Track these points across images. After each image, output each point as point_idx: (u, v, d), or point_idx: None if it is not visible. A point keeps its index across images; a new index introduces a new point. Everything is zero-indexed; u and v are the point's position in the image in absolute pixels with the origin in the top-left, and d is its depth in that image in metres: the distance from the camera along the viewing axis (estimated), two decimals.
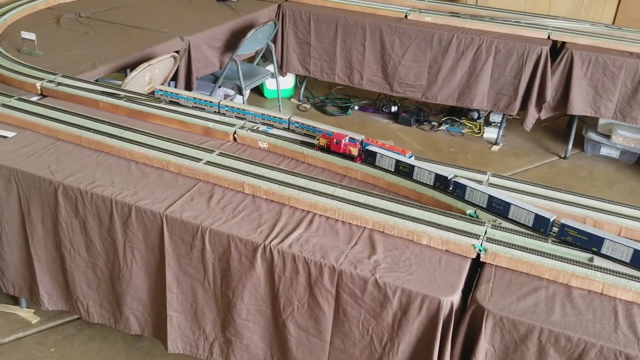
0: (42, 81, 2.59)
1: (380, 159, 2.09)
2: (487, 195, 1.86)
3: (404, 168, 2.04)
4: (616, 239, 1.68)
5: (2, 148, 2.15)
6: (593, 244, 1.69)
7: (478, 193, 1.88)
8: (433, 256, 1.72)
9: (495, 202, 1.86)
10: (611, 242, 1.67)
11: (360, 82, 4.11)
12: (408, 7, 4.07)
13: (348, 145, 2.14)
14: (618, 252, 1.67)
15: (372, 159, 2.11)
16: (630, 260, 1.66)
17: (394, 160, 2.06)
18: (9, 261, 2.24)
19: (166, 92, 2.53)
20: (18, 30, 3.25)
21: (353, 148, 2.13)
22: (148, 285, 2.02)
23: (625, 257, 1.66)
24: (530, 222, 1.80)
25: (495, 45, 3.66)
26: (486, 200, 1.87)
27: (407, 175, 2.04)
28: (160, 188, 1.98)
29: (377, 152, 2.09)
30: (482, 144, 4.07)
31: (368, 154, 2.12)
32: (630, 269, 1.65)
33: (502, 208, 1.85)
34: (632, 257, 1.65)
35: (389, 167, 2.07)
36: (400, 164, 2.05)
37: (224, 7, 4.10)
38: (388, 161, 2.07)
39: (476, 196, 1.89)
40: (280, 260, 1.74)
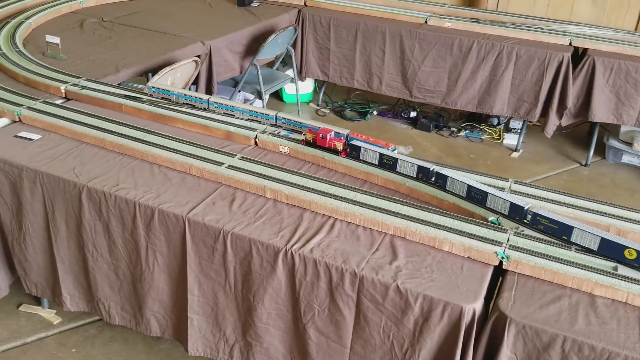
0: (66, 84, 2.63)
1: (364, 153, 2.14)
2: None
3: (387, 161, 2.09)
4: (584, 227, 1.73)
5: (28, 150, 2.18)
6: (563, 232, 1.75)
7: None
8: (455, 263, 1.71)
9: (474, 191, 1.92)
10: (580, 231, 1.73)
11: (379, 88, 4.11)
12: (428, 12, 4.06)
13: (333, 139, 2.20)
14: (586, 240, 1.73)
15: (357, 153, 2.16)
16: (597, 248, 1.72)
17: (378, 154, 2.11)
18: (33, 262, 2.27)
19: (158, 88, 2.59)
20: (42, 34, 3.31)
21: (338, 142, 2.19)
22: (169, 288, 2.03)
23: (593, 245, 1.72)
24: (506, 210, 1.86)
25: (516, 51, 3.64)
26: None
27: (391, 168, 2.09)
28: (182, 191, 2.00)
29: (361, 146, 2.14)
30: (502, 150, 4.04)
31: (352, 148, 2.17)
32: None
33: (480, 197, 1.91)
34: (599, 244, 1.71)
35: (373, 161, 2.13)
36: (384, 157, 2.10)
37: (245, 12, 4.13)
38: (372, 154, 2.13)
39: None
40: (302, 265, 1.74)
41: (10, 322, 2.47)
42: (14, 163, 2.11)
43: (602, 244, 1.70)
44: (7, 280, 2.41)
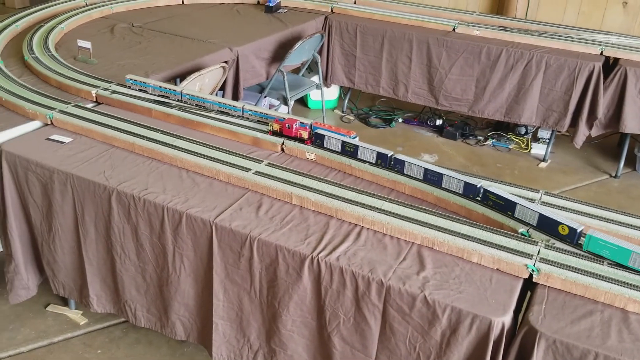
0: (97, 89, 2.66)
1: (328, 141, 2.24)
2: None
3: (349, 148, 2.20)
4: (526, 204, 1.86)
5: (60, 153, 2.21)
6: (508, 208, 1.89)
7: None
8: (484, 275, 1.69)
9: (430, 174, 2.04)
10: (522, 207, 1.87)
11: (405, 95, 4.10)
12: (456, 20, 4.04)
13: (299, 129, 2.28)
14: (527, 216, 1.86)
15: (321, 141, 2.26)
16: (536, 224, 1.84)
17: (340, 142, 2.20)
18: (61, 263, 2.30)
19: (135, 81, 2.70)
20: (74, 38, 3.37)
21: (303, 131, 2.28)
22: (195, 292, 2.04)
23: (533, 220, 1.84)
24: (460, 189, 1.98)
25: (545, 60, 3.59)
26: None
27: (352, 155, 2.19)
28: (210, 196, 2.01)
29: (325, 134, 2.24)
30: (529, 160, 3.99)
31: (317, 137, 2.26)
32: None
33: (436, 179, 2.03)
34: (538, 220, 1.84)
35: (336, 148, 2.22)
36: (346, 144, 2.20)
37: (272, 18, 4.16)
38: (335, 142, 2.22)
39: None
40: (328, 273, 1.74)
41: (37, 321, 2.50)
42: (46, 165, 2.15)
43: (540, 219, 1.82)
44: (35, 280, 2.45)
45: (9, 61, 3.08)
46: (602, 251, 1.71)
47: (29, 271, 2.41)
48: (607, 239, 1.71)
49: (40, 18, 3.75)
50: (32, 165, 2.18)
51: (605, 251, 1.70)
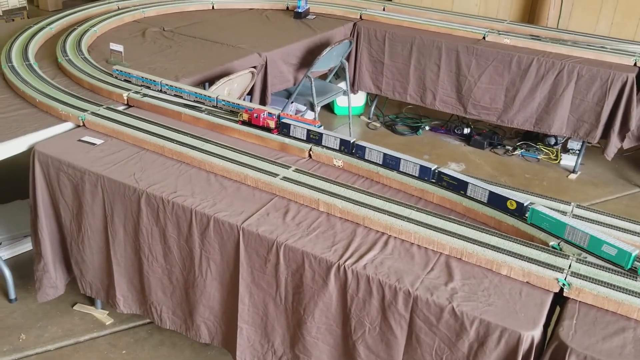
0: (128, 92, 2.70)
1: (293, 130, 2.35)
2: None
3: (314, 136, 2.32)
4: (477, 183, 1.99)
5: (91, 155, 2.25)
6: (461, 188, 2.01)
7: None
8: (513, 287, 1.66)
9: (389, 158, 2.15)
10: (473, 186, 1.99)
11: (432, 103, 4.07)
12: (486, 28, 4.00)
13: (266, 118, 2.39)
14: (479, 194, 1.98)
15: (287, 130, 2.37)
16: (487, 200, 1.96)
17: (305, 130, 2.32)
18: (89, 263, 2.33)
19: (121, 71, 2.84)
20: (106, 41, 3.42)
21: (270, 121, 2.38)
22: (221, 296, 2.05)
23: (484, 198, 1.97)
24: (416, 172, 2.10)
25: (577, 70, 3.54)
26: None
27: (317, 142, 2.31)
28: (237, 201, 2.02)
29: (291, 124, 2.35)
30: (558, 171, 3.93)
31: (283, 126, 2.37)
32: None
33: (394, 163, 2.14)
34: (488, 197, 1.97)
35: (302, 136, 2.34)
36: (311, 132, 2.32)
37: (301, 24, 4.17)
38: (300, 131, 2.34)
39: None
40: (354, 281, 1.73)
41: (64, 320, 2.54)
42: (77, 166, 2.18)
43: (491, 196, 1.95)
44: (63, 279, 2.48)
45: (43, 63, 3.14)
46: (542, 224, 1.85)
47: (58, 270, 2.44)
48: (547, 212, 1.85)
49: (73, 21, 3.81)
50: (63, 166, 2.21)
51: (545, 224, 1.85)
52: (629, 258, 1.68)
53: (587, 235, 1.76)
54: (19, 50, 3.21)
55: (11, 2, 6.14)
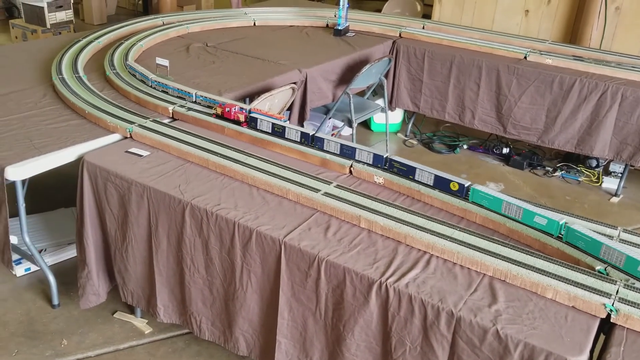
0: (174, 105, 2.76)
1: (260, 123, 2.54)
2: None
3: (277, 129, 2.50)
4: (424, 168, 2.18)
5: (138, 166, 2.30)
6: (410, 173, 2.20)
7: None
8: (558, 312, 1.64)
9: (346, 148, 2.35)
10: (420, 171, 2.18)
11: (471, 122, 4.05)
12: (528, 48, 3.98)
13: (237, 112, 2.59)
14: (425, 178, 2.17)
15: (255, 124, 2.56)
16: (433, 184, 2.15)
17: (271, 123, 2.51)
18: (132, 272, 2.37)
19: (159, 82, 2.99)
20: (151, 55, 3.51)
21: (240, 115, 2.59)
22: (260, 309, 2.06)
23: (430, 181, 2.16)
24: (370, 160, 2.29)
25: (621, 92, 3.48)
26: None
27: (281, 135, 2.49)
28: (279, 215, 2.04)
29: (258, 117, 2.55)
30: (600, 194, 3.85)
31: (251, 120, 2.57)
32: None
33: (350, 152, 2.33)
34: (434, 181, 2.15)
35: (267, 129, 2.53)
36: (275, 125, 2.50)
37: (341, 41, 4.21)
38: (266, 124, 2.53)
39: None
40: (396, 299, 1.72)
41: (105, 327, 2.58)
42: (125, 177, 2.24)
43: (436, 179, 2.14)
44: (105, 287, 2.53)
45: (91, 75, 3.24)
46: (482, 201, 2.04)
47: (100, 278, 2.49)
48: (487, 191, 2.03)
49: (120, 35, 3.93)
50: (111, 176, 2.27)
51: (485, 201, 2.03)
52: (557, 225, 1.83)
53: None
54: (69, 63, 3.32)
55: (59, 16, 6.34)
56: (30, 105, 2.86)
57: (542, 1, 4.71)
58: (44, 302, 2.71)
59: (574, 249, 1.84)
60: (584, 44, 4.42)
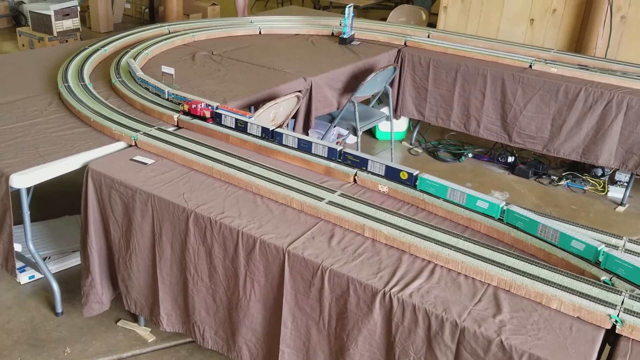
0: (179, 113, 2.77)
1: (224, 119, 2.64)
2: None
3: (240, 124, 2.60)
4: (375, 159, 2.30)
5: (142, 174, 2.30)
6: (362, 165, 2.32)
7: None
8: (563, 322, 1.62)
9: (303, 142, 2.46)
10: (372, 162, 2.31)
11: (476, 130, 4.04)
12: (533, 57, 3.97)
13: (203, 109, 2.68)
14: (377, 168, 2.29)
15: (219, 119, 2.66)
16: (384, 174, 2.28)
17: (234, 119, 2.61)
18: (135, 280, 2.37)
19: (146, 81, 3.11)
20: (157, 63, 3.52)
21: (206, 111, 2.68)
22: (263, 318, 2.06)
23: (381, 171, 2.28)
24: (325, 153, 2.42)
25: (627, 101, 3.47)
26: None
27: (243, 130, 2.59)
28: (283, 223, 2.04)
29: (222, 114, 2.64)
30: (605, 203, 3.83)
31: (216, 115, 2.66)
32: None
33: (307, 147, 2.45)
34: (385, 171, 2.28)
35: (231, 124, 2.63)
36: (239, 121, 2.60)
37: (346, 50, 4.22)
38: (230, 120, 2.63)
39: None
40: (400, 309, 1.71)
41: (108, 336, 2.58)
42: (129, 185, 2.24)
43: (387, 170, 2.27)
44: (109, 295, 2.53)
45: (97, 83, 3.25)
46: (429, 189, 2.17)
47: (104, 286, 2.49)
48: (434, 179, 2.15)
49: (126, 44, 3.95)
50: (116, 184, 2.27)
51: (432, 189, 2.16)
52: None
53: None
54: (75, 70, 3.34)
55: (66, 24, 6.39)
56: (36, 113, 2.87)
57: (548, 10, 4.71)
58: (48, 310, 2.71)
59: (578, 259, 1.83)
60: (589, 52, 4.41)
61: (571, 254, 1.85)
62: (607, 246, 1.85)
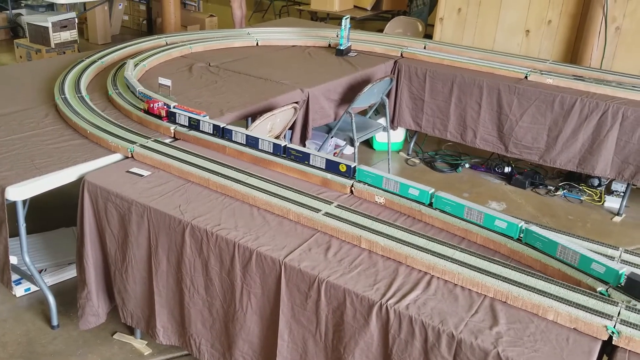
0: (175, 125, 2.77)
1: (178, 117, 2.75)
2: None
3: (193, 122, 2.71)
4: (317, 154, 2.44)
5: (139, 186, 2.30)
6: (305, 159, 2.45)
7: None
8: (560, 334, 1.62)
9: (250, 139, 2.57)
10: (314, 156, 2.43)
11: (473, 141, 4.05)
12: (529, 68, 3.99)
13: (160, 108, 2.81)
14: (318, 162, 2.43)
15: (174, 118, 2.77)
16: (325, 167, 2.41)
17: (187, 117, 2.72)
18: (132, 293, 2.36)
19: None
20: (154, 75, 3.53)
21: (162, 110, 2.80)
22: (260, 330, 2.05)
23: (322, 165, 2.42)
24: (271, 148, 2.52)
25: (622, 112, 3.49)
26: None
27: (196, 127, 2.71)
28: (280, 235, 2.03)
29: (176, 112, 2.76)
30: (602, 213, 3.84)
31: (170, 114, 2.78)
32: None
33: (254, 143, 2.56)
34: (326, 164, 2.41)
35: (184, 123, 2.74)
36: (191, 119, 2.71)
37: (343, 61, 4.24)
38: (183, 118, 2.73)
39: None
40: (396, 321, 1.71)
41: (104, 349, 2.57)
42: (125, 197, 2.24)
43: (327, 163, 2.39)
44: (105, 308, 2.52)
45: (94, 95, 3.26)
46: (367, 179, 2.31)
47: (100, 298, 2.48)
48: (369, 170, 2.27)
49: (123, 55, 3.96)
50: (112, 196, 2.27)
51: (369, 179, 2.30)
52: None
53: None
54: (72, 82, 3.34)
55: (63, 36, 6.41)
56: (33, 125, 2.88)
57: (543, 21, 4.74)
58: (44, 322, 2.69)
59: (575, 270, 1.83)
60: (584, 63, 4.43)
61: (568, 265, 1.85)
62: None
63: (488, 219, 2.03)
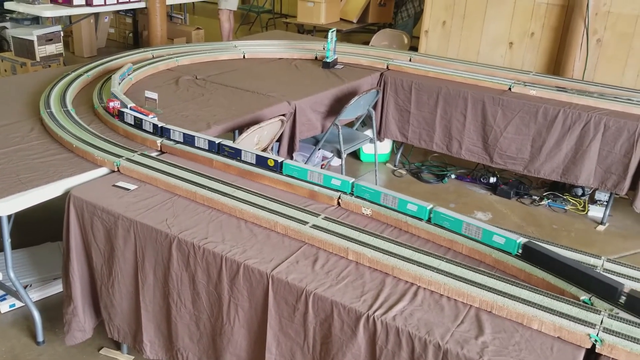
0: (162, 138, 2.77)
1: (126, 117, 2.91)
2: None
3: (137, 121, 2.85)
4: (247, 149, 2.56)
5: (125, 200, 2.30)
6: (237, 155, 2.58)
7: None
8: (544, 342, 1.64)
9: (187, 137, 2.70)
10: (245, 152, 2.55)
11: (458, 152, 4.10)
12: (512, 80, 4.05)
13: (115, 107, 3.01)
14: (249, 157, 2.55)
15: (123, 117, 2.93)
16: (255, 162, 2.53)
17: (133, 117, 2.85)
18: (118, 307, 2.35)
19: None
20: (141, 88, 3.53)
21: (115, 110, 2.98)
22: (247, 344, 2.05)
23: (252, 160, 2.53)
24: (207, 146, 2.64)
25: (604, 122, 3.55)
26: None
27: (138, 126, 2.85)
28: (267, 248, 2.04)
29: (124, 112, 2.94)
30: (586, 222, 3.89)
31: (121, 114, 2.95)
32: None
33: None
34: (256, 160, 2.53)
35: (131, 122, 2.89)
36: (136, 118, 2.85)
37: (329, 74, 4.27)
38: (130, 118, 2.88)
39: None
40: (383, 332, 1.72)
41: None
42: (111, 211, 2.23)
43: (257, 158, 2.52)
44: (91, 323, 2.51)
45: (79, 109, 3.25)
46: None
47: (86, 313, 2.47)
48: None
49: (109, 68, 3.95)
50: (98, 211, 2.27)
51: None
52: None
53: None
54: (57, 96, 3.33)
55: (49, 49, 6.38)
56: (18, 140, 2.86)
57: (526, 34, 4.81)
58: (29, 338, 2.67)
59: (558, 279, 1.85)
60: (567, 75, 4.51)
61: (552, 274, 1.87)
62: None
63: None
